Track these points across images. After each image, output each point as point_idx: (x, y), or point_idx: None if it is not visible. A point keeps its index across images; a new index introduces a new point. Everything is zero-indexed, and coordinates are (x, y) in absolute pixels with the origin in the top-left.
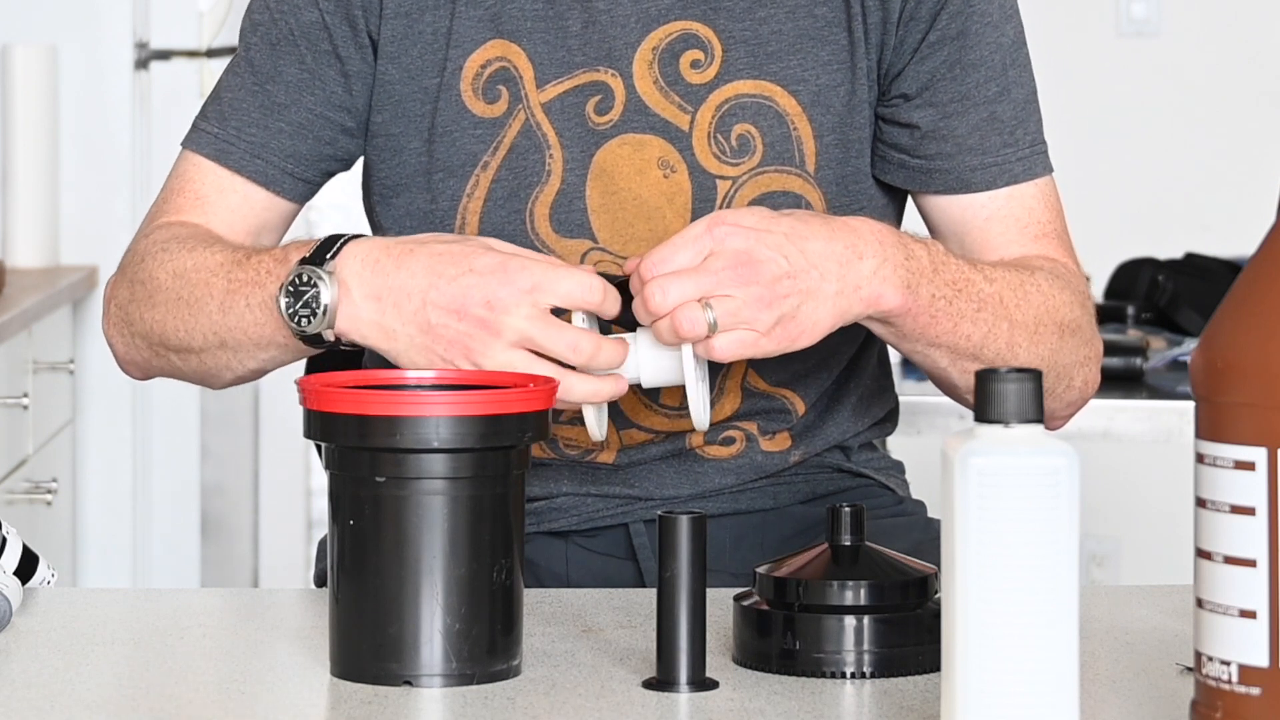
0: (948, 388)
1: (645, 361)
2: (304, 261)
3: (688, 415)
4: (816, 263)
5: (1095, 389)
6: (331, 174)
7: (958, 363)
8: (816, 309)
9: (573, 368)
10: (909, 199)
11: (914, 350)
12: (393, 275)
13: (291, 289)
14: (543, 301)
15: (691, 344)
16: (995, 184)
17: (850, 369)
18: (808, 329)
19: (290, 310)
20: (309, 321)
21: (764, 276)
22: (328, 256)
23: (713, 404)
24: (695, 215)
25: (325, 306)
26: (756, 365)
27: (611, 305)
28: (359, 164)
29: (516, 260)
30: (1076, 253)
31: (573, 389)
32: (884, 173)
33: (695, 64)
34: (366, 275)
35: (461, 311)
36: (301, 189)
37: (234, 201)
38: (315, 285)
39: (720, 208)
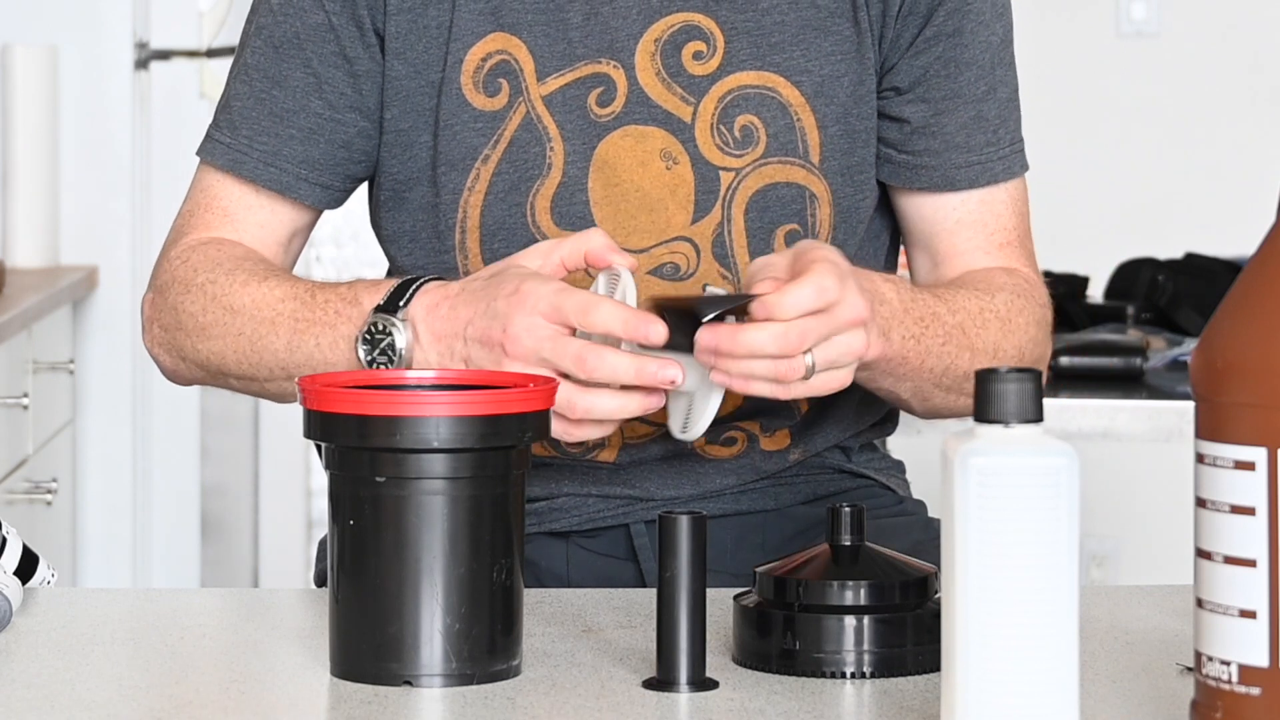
0: (903, 408)
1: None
2: (379, 309)
3: None
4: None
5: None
6: (355, 178)
7: (918, 393)
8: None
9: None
10: None
11: (878, 387)
12: (447, 315)
13: (369, 337)
14: (558, 321)
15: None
16: (977, 183)
17: None
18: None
19: (369, 358)
20: (386, 367)
21: (870, 325)
22: (400, 304)
23: None
24: (698, 207)
25: (400, 351)
26: None
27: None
28: None
29: (529, 284)
30: (1036, 258)
31: (595, 406)
32: None
33: (697, 55)
34: (430, 319)
35: (488, 340)
36: (321, 194)
37: (262, 217)
38: (390, 333)
39: (723, 199)
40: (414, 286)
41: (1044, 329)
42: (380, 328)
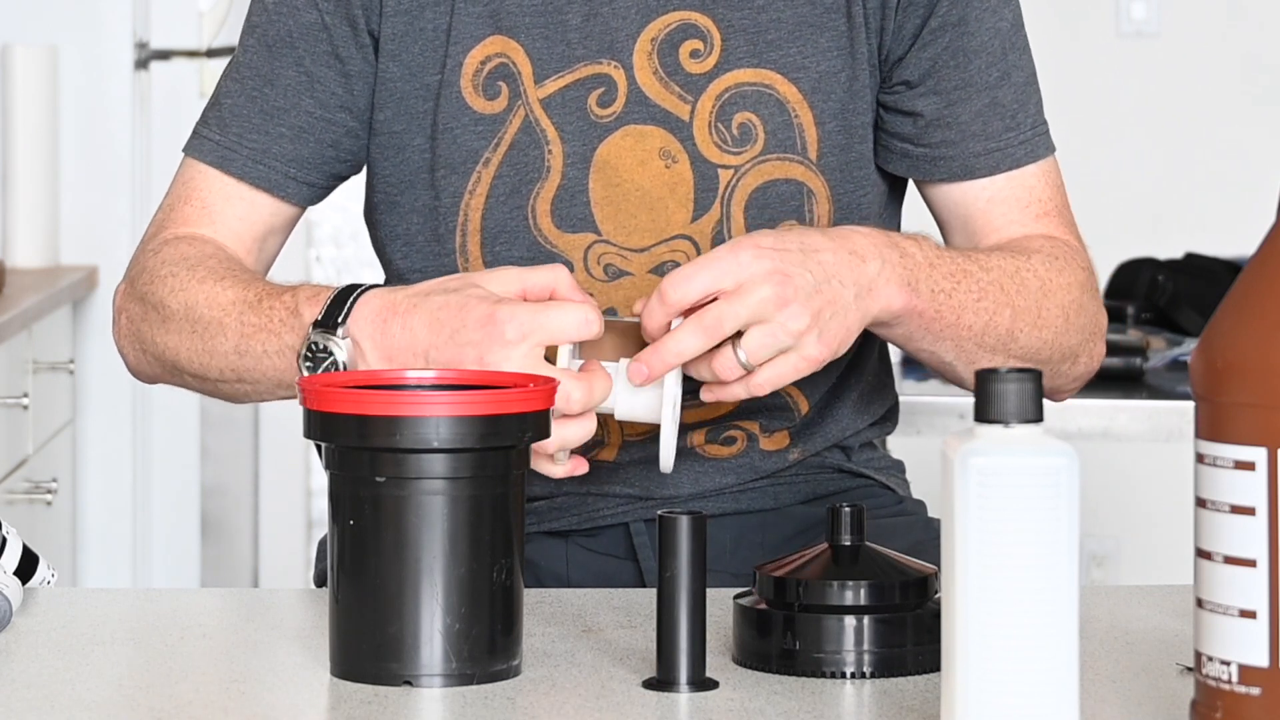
0: (954, 380)
1: (622, 395)
2: (317, 324)
3: (694, 406)
4: (834, 272)
5: (1100, 360)
6: (340, 176)
7: (962, 354)
8: (846, 316)
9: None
10: (909, 184)
11: (920, 349)
12: (399, 335)
13: (310, 356)
14: (535, 346)
15: (727, 383)
16: (998, 169)
17: (852, 365)
18: (841, 337)
19: (311, 375)
20: None
21: (800, 293)
22: (339, 320)
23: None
24: (697, 205)
25: (343, 366)
26: None
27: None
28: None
29: (504, 309)
30: (1079, 228)
31: (568, 437)
32: (886, 162)
33: (695, 54)
34: (377, 336)
35: (459, 368)
36: (306, 192)
37: (240, 210)
38: (330, 351)
39: (723, 197)
40: (353, 297)
41: (1089, 294)
42: (320, 346)
